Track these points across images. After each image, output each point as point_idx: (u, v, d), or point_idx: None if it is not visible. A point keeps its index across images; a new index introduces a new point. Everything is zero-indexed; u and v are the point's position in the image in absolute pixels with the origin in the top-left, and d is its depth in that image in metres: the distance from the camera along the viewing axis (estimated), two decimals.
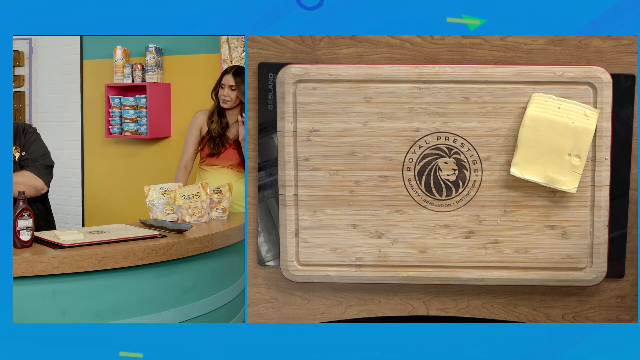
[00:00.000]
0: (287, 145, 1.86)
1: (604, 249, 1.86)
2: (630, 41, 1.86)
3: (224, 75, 3.61)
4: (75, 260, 2.23)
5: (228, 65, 3.98)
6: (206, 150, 3.61)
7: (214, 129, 3.58)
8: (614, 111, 1.86)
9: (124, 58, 4.33)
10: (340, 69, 1.84)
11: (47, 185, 2.88)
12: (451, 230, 1.87)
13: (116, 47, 4.31)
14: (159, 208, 2.92)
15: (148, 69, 4.23)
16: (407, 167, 1.86)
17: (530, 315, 1.96)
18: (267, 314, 1.99)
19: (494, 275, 1.88)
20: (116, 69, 4.32)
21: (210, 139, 3.59)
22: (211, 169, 3.60)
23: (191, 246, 2.54)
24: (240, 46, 3.97)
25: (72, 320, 2.24)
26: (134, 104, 4.29)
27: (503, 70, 1.82)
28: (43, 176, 2.85)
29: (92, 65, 4.54)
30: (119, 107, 4.34)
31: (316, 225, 1.89)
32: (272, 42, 1.90)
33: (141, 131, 4.30)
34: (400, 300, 1.97)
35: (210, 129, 3.59)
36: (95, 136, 4.57)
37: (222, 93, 3.58)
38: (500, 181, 1.85)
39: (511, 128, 1.83)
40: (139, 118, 4.29)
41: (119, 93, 4.39)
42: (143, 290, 2.42)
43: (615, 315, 1.95)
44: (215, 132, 3.58)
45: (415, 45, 1.88)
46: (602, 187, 1.84)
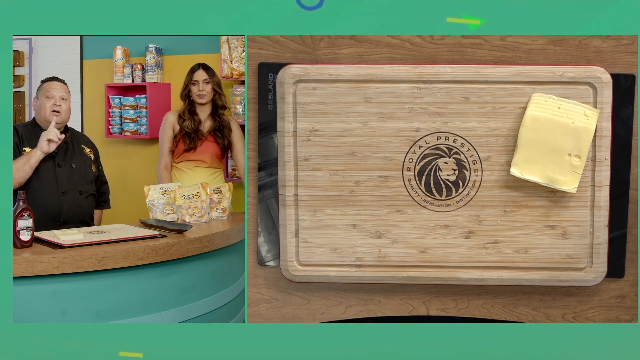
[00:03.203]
0: (287, 145, 1.86)
1: (604, 249, 1.86)
2: (630, 41, 1.86)
3: (194, 72, 3.68)
4: (75, 260, 2.23)
5: (228, 65, 3.99)
6: (181, 146, 3.64)
7: (187, 126, 3.62)
8: (614, 111, 1.86)
9: (124, 58, 4.33)
10: (340, 69, 1.84)
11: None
12: (451, 230, 1.87)
13: (116, 47, 4.31)
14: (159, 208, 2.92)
15: (148, 69, 4.23)
16: (407, 167, 1.86)
17: (530, 315, 1.96)
18: (267, 314, 1.99)
19: (494, 275, 1.88)
20: (116, 69, 4.32)
21: (185, 135, 3.62)
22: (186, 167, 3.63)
23: (191, 246, 2.54)
24: (240, 46, 3.97)
25: (72, 320, 2.24)
26: (134, 104, 4.29)
27: (503, 70, 1.82)
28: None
29: (92, 65, 4.54)
30: (119, 107, 4.34)
31: (316, 225, 1.89)
32: (272, 42, 1.90)
33: (141, 131, 4.30)
34: (400, 300, 1.97)
35: (183, 127, 3.62)
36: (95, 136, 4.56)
37: (196, 89, 3.63)
38: (500, 181, 1.85)
39: (511, 128, 1.83)
40: (139, 118, 4.29)
41: (119, 93, 4.39)
42: (143, 290, 2.42)
43: (615, 315, 1.95)
44: (189, 128, 3.61)
45: (415, 45, 1.88)
46: (602, 187, 1.84)
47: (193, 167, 3.63)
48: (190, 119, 3.63)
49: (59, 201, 2.90)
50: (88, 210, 3.05)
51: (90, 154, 3.14)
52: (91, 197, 3.07)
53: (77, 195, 2.98)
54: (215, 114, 3.68)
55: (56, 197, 2.90)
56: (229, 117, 3.74)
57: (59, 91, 3.00)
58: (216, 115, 3.68)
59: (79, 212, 2.97)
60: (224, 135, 3.66)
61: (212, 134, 3.66)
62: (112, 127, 4.37)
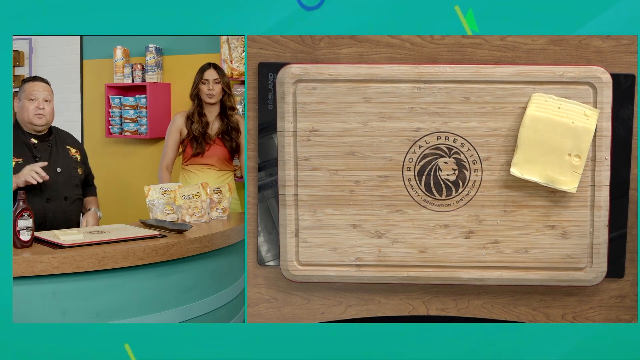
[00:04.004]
0: (287, 145, 1.86)
1: (604, 249, 1.86)
2: (630, 41, 1.86)
3: (204, 71, 3.64)
4: (75, 260, 2.23)
5: (228, 65, 3.99)
6: (189, 151, 3.61)
7: (195, 129, 3.59)
8: (614, 111, 1.86)
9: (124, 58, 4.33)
10: (340, 68, 1.84)
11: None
12: (451, 230, 1.87)
13: (116, 47, 4.32)
14: (159, 208, 2.92)
15: (148, 69, 4.24)
16: (407, 167, 1.86)
17: (530, 315, 1.96)
18: (267, 314, 1.99)
19: (494, 275, 1.88)
20: (116, 69, 4.33)
21: (193, 139, 3.60)
22: (195, 169, 3.61)
23: (191, 246, 2.54)
24: (240, 46, 3.97)
25: (72, 320, 2.24)
26: (134, 104, 4.29)
27: (503, 70, 1.82)
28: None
29: (92, 65, 4.54)
30: (119, 107, 4.34)
31: (316, 225, 1.89)
32: (272, 42, 1.90)
33: (141, 131, 4.30)
34: (400, 300, 1.97)
35: (192, 130, 3.60)
36: (95, 136, 4.57)
37: (206, 89, 3.59)
38: (500, 181, 1.85)
39: (511, 128, 1.83)
40: (139, 118, 4.30)
41: (119, 93, 4.39)
42: (143, 290, 2.42)
43: (615, 315, 1.95)
44: (197, 132, 3.58)
45: (415, 45, 1.88)
46: (602, 187, 1.84)
47: (202, 169, 3.62)
48: (198, 122, 3.60)
49: (43, 208, 2.81)
50: (74, 215, 2.95)
51: (77, 155, 3.03)
52: (78, 202, 2.97)
53: (62, 202, 2.88)
54: (224, 115, 3.66)
55: (40, 204, 2.80)
56: (237, 118, 3.70)
57: (42, 92, 2.89)
58: (225, 117, 3.65)
59: (63, 219, 2.87)
60: (232, 138, 3.63)
61: (220, 137, 3.62)
62: (112, 127, 4.37)
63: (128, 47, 4.35)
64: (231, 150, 3.65)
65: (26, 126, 2.90)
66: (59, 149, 2.95)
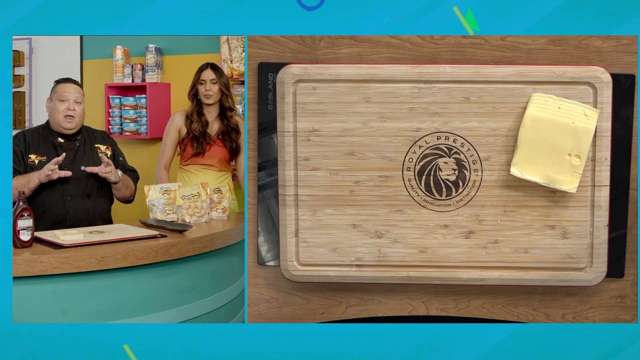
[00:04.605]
0: (287, 145, 1.86)
1: (604, 249, 1.86)
2: (630, 41, 1.86)
3: (202, 71, 3.62)
4: (75, 260, 2.23)
5: (228, 65, 3.99)
6: (189, 150, 3.59)
7: (195, 129, 3.57)
8: (614, 111, 1.86)
9: (124, 58, 4.33)
10: (340, 69, 1.84)
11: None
12: (451, 230, 1.87)
13: (116, 47, 4.31)
14: (159, 208, 2.92)
15: (148, 69, 4.24)
16: (407, 167, 1.86)
17: (530, 315, 1.96)
18: (267, 314, 1.99)
19: (494, 275, 1.88)
20: (116, 69, 4.33)
21: (193, 138, 3.59)
22: (195, 169, 3.60)
23: (191, 246, 2.54)
24: (240, 46, 3.97)
25: (72, 320, 2.24)
26: (134, 104, 4.29)
27: (503, 70, 1.82)
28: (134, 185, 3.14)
29: (92, 65, 4.54)
30: (119, 107, 4.34)
31: (316, 225, 1.89)
32: (272, 42, 1.90)
33: (141, 131, 4.30)
34: (400, 300, 1.97)
35: (191, 129, 3.58)
36: None
37: (203, 89, 3.58)
38: (500, 181, 1.85)
39: (511, 128, 1.83)
40: (139, 118, 4.29)
41: (119, 93, 4.39)
42: (143, 290, 2.42)
43: (615, 315, 1.95)
44: (197, 131, 3.57)
45: (415, 45, 1.88)
46: (602, 187, 1.84)
47: (202, 169, 3.61)
48: (197, 121, 3.58)
49: (64, 206, 2.85)
50: (100, 212, 2.97)
51: (107, 151, 3.03)
52: (102, 200, 2.98)
53: (85, 200, 2.90)
54: (223, 116, 3.65)
55: (61, 201, 2.85)
56: (237, 119, 3.68)
57: (73, 94, 2.91)
58: (224, 117, 3.64)
59: (85, 217, 2.90)
60: (232, 139, 3.62)
61: (221, 137, 3.61)
62: (112, 127, 4.37)
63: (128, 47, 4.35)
64: (231, 151, 3.64)
65: (56, 128, 2.93)
66: (85, 148, 2.98)
